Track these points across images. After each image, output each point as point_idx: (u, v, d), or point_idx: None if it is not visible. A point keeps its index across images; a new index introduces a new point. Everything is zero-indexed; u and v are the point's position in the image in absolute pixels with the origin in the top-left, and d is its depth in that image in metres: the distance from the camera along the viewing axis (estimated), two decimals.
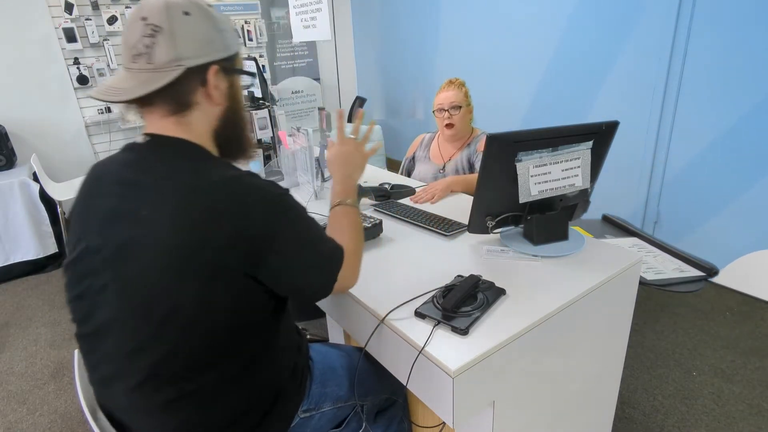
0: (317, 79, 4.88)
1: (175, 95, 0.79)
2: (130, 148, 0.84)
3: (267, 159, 2.10)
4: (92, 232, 0.80)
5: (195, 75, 0.80)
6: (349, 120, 4.86)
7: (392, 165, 3.55)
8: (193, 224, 0.73)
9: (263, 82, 2.15)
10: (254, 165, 2.02)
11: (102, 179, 0.84)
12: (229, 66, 0.85)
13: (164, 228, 0.74)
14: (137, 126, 3.73)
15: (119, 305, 0.78)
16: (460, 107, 1.93)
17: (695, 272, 1.54)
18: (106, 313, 0.80)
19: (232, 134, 0.91)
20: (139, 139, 0.83)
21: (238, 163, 0.93)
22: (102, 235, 0.79)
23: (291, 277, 0.83)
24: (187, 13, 0.77)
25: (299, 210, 0.86)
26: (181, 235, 0.73)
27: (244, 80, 0.93)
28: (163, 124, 0.82)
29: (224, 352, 0.81)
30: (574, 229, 1.28)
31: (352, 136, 1.19)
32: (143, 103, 0.80)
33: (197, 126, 0.84)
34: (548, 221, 1.21)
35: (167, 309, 0.75)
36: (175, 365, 0.79)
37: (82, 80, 3.52)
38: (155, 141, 0.82)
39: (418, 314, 0.96)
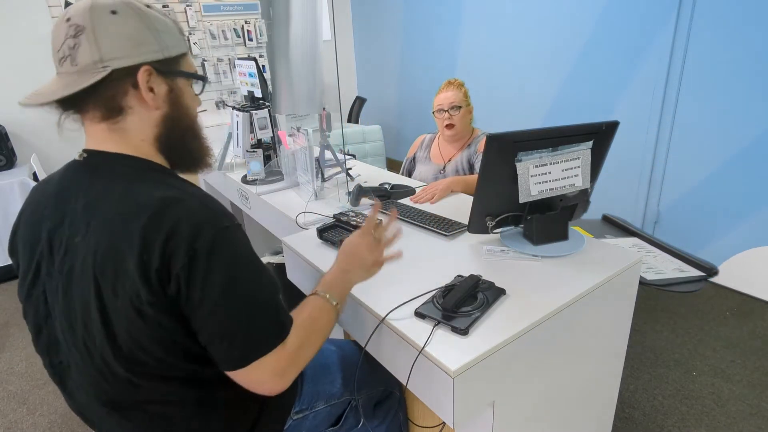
0: None
1: (104, 99, 0.74)
2: (68, 168, 0.80)
3: (267, 159, 2.10)
4: (37, 261, 0.78)
5: (124, 77, 0.74)
6: (349, 120, 4.86)
7: (392, 165, 3.55)
8: (114, 253, 0.69)
9: (263, 82, 2.15)
10: (254, 165, 2.02)
11: (41, 203, 0.80)
12: (167, 68, 0.78)
13: (90, 257, 0.70)
14: None
15: (66, 340, 0.76)
16: (460, 107, 1.93)
17: (695, 272, 1.54)
18: (63, 347, 0.79)
19: (178, 143, 0.83)
20: (76, 156, 0.79)
21: (193, 173, 0.87)
22: (45, 264, 0.77)
23: (200, 329, 0.72)
24: (114, 12, 0.72)
25: (237, 254, 0.73)
26: (103, 265, 0.69)
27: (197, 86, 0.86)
28: (97, 131, 0.77)
29: (181, 379, 0.77)
30: (574, 229, 1.28)
31: (381, 226, 1.01)
32: (76, 108, 0.76)
33: (134, 134, 0.78)
34: (548, 221, 1.21)
35: (104, 345, 0.71)
36: (132, 395, 0.76)
37: None
38: (90, 159, 0.78)
39: (418, 314, 0.96)
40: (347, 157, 2.20)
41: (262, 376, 0.75)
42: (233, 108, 2.13)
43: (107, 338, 0.71)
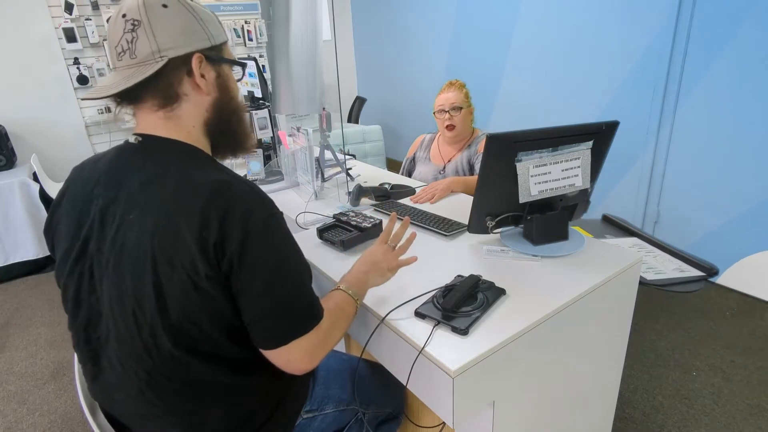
0: None
1: (161, 88, 0.79)
2: (121, 149, 0.83)
3: (267, 159, 2.10)
4: (85, 237, 0.80)
5: (179, 65, 0.79)
6: (349, 120, 4.86)
7: (392, 165, 3.55)
8: (173, 229, 0.72)
9: (263, 82, 2.15)
10: (254, 165, 2.02)
11: (90, 181, 0.82)
12: (215, 55, 0.84)
13: (148, 233, 0.73)
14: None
15: (113, 313, 0.77)
16: (461, 108, 1.93)
17: (695, 272, 1.53)
18: (103, 321, 0.80)
19: (225, 126, 0.88)
20: (131, 139, 0.82)
21: (236, 159, 0.92)
22: (95, 240, 0.78)
23: (245, 308, 0.77)
24: (165, 6, 0.77)
25: (284, 239, 0.79)
26: (161, 240, 0.72)
27: (237, 72, 0.91)
28: (153, 120, 0.81)
29: (220, 358, 0.80)
30: (574, 229, 1.28)
31: (398, 236, 1.06)
32: (132, 99, 0.80)
33: (187, 120, 0.82)
34: (548, 221, 1.21)
35: (154, 317, 0.74)
36: (171, 372, 0.78)
37: (82, 80, 3.52)
38: (145, 142, 0.81)
39: (418, 314, 0.96)
40: (347, 157, 2.20)
41: (298, 354, 0.80)
42: None
43: (159, 310, 0.74)
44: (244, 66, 0.91)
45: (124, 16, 0.76)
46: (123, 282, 0.75)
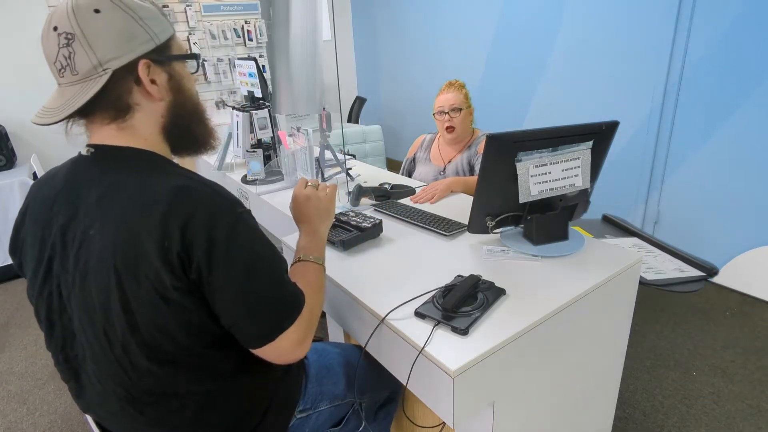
0: None
1: (109, 101, 0.73)
2: (75, 163, 0.80)
3: (267, 159, 2.10)
4: (49, 257, 0.77)
5: (125, 75, 0.73)
6: (349, 120, 4.86)
7: (392, 165, 3.55)
8: (133, 241, 0.69)
9: (263, 82, 2.15)
10: (254, 165, 2.02)
11: (49, 198, 0.79)
12: (163, 56, 0.77)
13: (109, 249, 0.70)
14: None
15: (85, 332, 0.76)
16: (460, 110, 1.93)
17: (695, 272, 1.53)
18: (77, 340, 0.78)
19: (184, 129, 0.83)
20: (83, 151, 0.78)
21: (197, 158, 0.89)
22: (59, 259, 0.76)
23: (224, 312, 0.74)
24: (97, 11, 0.70)
25: (253, 239, 0.76)
26: (123, 254, 0.69)
27: (192, 65, 0.85)
28: (106, 132, 0.76)
29: (199, 367, 0.78)
30: (574, 229, 1.28)
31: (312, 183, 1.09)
32: (82, 115, 0.75)
33: (142, 128, 0.78)
34: (548, 221, 1.21)
35: (125, 333, 0.72)
36: (149, 386, 0.76)
37: None
38: (99, 153, 0.77)
39: (418, 314, 0.96)
40: (347, 157, 2.20)
41: (288, 346, 0.78)
42: (233, 108, 2.13)
43: (129, 327, 0.71)
44: (197, 58, 0.85)
45: (55, 29, 0.70)
46: (89, 300, 0.72)
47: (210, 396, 0.81)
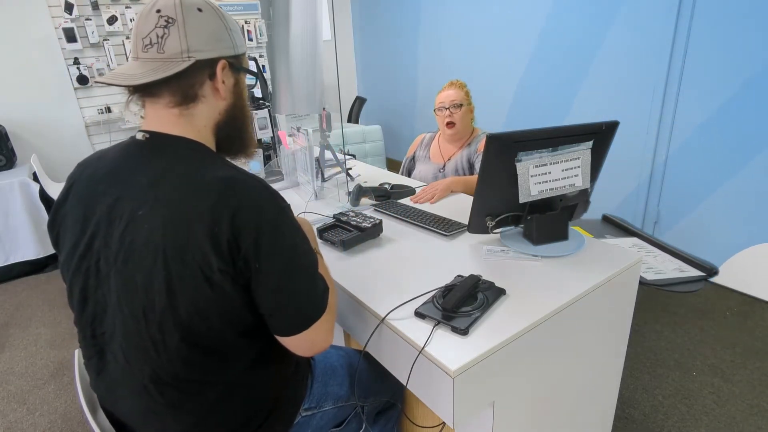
0: None
1: (182, 86, 0.80)
2: (127, 146, 0.84)
3: (267, 159, 2.10)
4: (91, 234, 0.80)
5: (204, 68, 0.81)
6: (349, 120, 4.86)
7: (392, 165, 3.55)
8: (184, 225, 0.73)
9: (263, 82, 2.15)
10: (254, 165, 2.02)
11: (95, 178, 0.83)
12: (237, 63, 0.87)
13: (158, 230, 0.73)
14: (137, 126, 3.72)
15: (121, 308, 0.78)
16: (461, 105, 1.94)
17: (695, 272, 1.54)
18: (110, 317, 0.80)
19: (234, 130, 0.91)
20: (138, 136, 0.83)
21: (237, 161, 0.93)
22: (102, 237, 0.79)
23: (264, 299, 0.79)
24: (200, 10, 0.80)
25: (295, 231, 0.82)
26: (173, 236, 0.73)
27: (249, 81, 0.95)
28: (165, 116, 0.81)
29: (225, 355, 0.81)
30: (574, 229, 1.28)
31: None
32: (149, 93, 0.81)
33: (199, 120, 0.84)
34: (548, 221, 1.21)
35: (162, 312, 0.75)
36: (176, 368, 0.79)
37: (82, 80, 3.51)
38: (154, 139, 0.82)
39: (418, 314, 0.96)
40: (347, 157, 2.20)
41: (319, 334, 0.84)
42: None
43: (169, 306, 0.74)
44: (257, 76, 0.94)
45: (158, 11, 0.78)
46: (133, 278, 0.75)
47: (229, 386, 0.84)
